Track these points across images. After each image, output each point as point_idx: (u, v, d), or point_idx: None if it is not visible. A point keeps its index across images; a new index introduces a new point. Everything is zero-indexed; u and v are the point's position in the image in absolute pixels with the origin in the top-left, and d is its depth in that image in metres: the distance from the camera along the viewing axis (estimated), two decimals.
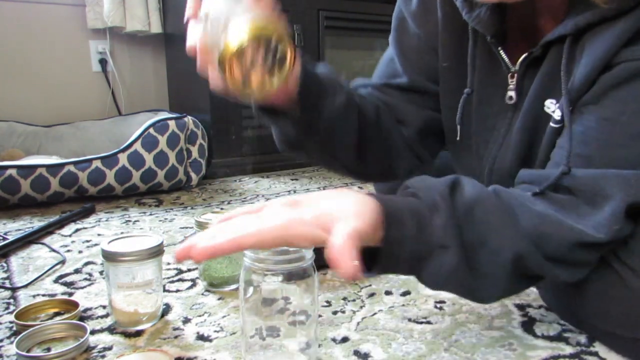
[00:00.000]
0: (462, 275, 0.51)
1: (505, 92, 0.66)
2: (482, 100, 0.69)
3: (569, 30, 0.56)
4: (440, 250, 0.51)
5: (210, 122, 1.75)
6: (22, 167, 1.31)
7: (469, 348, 0.62)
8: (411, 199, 0.53)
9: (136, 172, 1.43)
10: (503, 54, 0.65)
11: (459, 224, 0.51)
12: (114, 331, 0.67)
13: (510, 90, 0.65)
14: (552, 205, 0.55)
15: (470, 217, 0.52)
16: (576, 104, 0.57)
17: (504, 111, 0.67)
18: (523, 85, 0.65)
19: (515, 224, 0.53)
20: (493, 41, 0.65)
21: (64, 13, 1.97)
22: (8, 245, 1.00)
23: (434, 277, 0.52)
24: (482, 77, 0.69)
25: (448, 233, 0.50)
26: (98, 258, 0.96)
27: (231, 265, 0.80)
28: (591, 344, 0.63)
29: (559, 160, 0.56)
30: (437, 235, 0.50)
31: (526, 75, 0.64)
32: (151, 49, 2.13)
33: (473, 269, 0.52)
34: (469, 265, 0.51)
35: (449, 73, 0.74)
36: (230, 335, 0.66)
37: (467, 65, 0.70)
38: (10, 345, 0.63)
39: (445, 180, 0.54)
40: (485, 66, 0.68)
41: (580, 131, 0.56)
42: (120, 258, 0.65)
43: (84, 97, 2.04)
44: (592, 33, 0.55)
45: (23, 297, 0.79)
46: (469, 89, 0.70)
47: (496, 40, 0.65)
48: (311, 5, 1.89)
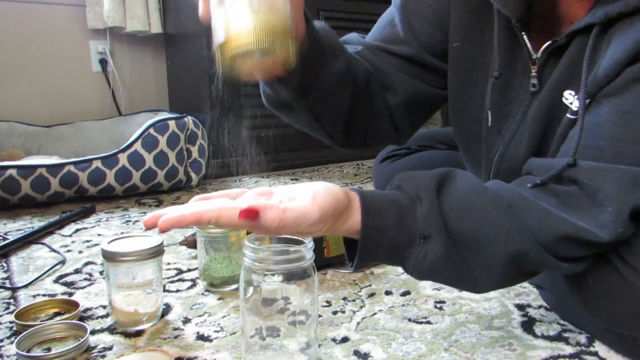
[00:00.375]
0: (450, 265, 0.51)
1: (524, 79, 0.65)
2: (501, 87, 0.67)
3: (597, 19, 0.55)
4: (422, 240, 0.50)
5: (210, 122, 1.75)
6: (23, 167, 1.31)
7: (469, 348, 0.62)
8: (394, 192, 0.53)
9: (136, 172, 1.43)
10: (527, 39, 0.63)
11: (445, 214, 0.51)
12: (114, 331, 0.67)
13: (533, 78, 0.64)
14: (554, 199, 0.53)
15: (461, 209, 0.51)
16: (596, 95, 0.55)
17: (521, 99, 0.66)
18: (543, 74, 0.63)
19: (517, 220, 0.52)
20: (518, 25, 0.63)
21: (64, 13, 1.97)
22: (8, 245, 1.00)
23: (418, 267, 0.51)
24: (505, 63, 0.67)
25: (430, 223, 0.50)
26: (98, 258, 0.96)
27: (231, 266, 0.80)
28: (591, 344, 0.63)
29: (567, 151, 0.55)
30: (418, 225, 0.50)
31: (547, 64, 0.63)
32: (151, 49, 2.13)
33: (464, 261, 0.51)
34: (458, 256, 0.51)
35: (460, 54, 0.72)
36: (230, 335, 0.66)
37: (480, 47, 0.68)
38: (11, 345, 0.63)
39: (434, 172, 0.54)
40: (507, 52, 0.66)
41: (594, 122, 0.54)
42: (121, 258, 0.65)
43: (84, 98, 2.04)
44: (622, 24, 0.54)
45: (23, 297, 0.79)
46: (496, 72, 0.67)
47: (521, 26, 0.63)
48: (311, 5, 1.88)
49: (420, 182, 0.53)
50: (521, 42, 0.64)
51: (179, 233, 1.13)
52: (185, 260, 0.95)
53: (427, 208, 0.51)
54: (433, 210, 0.50)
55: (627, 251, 0.55)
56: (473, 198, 0.52)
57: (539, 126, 0.63)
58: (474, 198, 0.52)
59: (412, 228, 0.50)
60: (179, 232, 1.14)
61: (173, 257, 0.96)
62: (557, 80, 0.61)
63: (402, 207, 0.51)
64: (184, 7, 1.85)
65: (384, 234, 0.50)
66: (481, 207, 0.52)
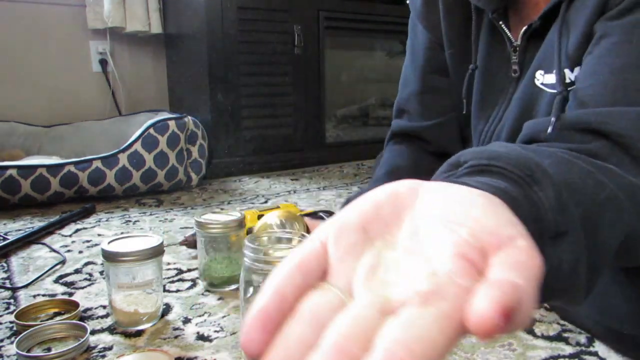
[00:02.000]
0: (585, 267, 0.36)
1: (509, 67, 0.67)
2: (486, 77, 0.70)
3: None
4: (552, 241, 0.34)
5: (211, 122, 1.75)
6: (23, 167, 1.31)
7: (469, 348, 0.62)
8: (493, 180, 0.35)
9: (136, 173, 1.43)
10: (505, 28, 0.65)
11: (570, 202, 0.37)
12: (114, 331, 0.67)
13: (514, 64, 0.66)
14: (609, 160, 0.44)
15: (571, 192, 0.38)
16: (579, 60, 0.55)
17: (506, 87, 0.68)
18: (525, 59, 0.65)
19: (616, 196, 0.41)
20: (495, 16, 0.66)
21: (64, 13, 1.97)
22: (8, 246, 1.00)
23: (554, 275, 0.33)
24: (486, 54, 0.70)
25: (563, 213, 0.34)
26: (98, 258, 0.96)
27: (231, 266, 0.80)
28: (591, 344, 0.63)
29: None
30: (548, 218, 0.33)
31: (528, 49, 0.64)
32: (151, 50, 2.13)
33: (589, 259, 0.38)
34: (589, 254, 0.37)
35: (455, 58, 0.75)
36: (230, 335, 0.66)
37: (466, 45, 0.72)
38: (11, 345, 0.63)
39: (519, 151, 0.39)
40: (489, 43, 0.69)
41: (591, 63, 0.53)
42: (121, 258, 0.65)
43: (84, 98, 2.05)
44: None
45: (23, 297, 0.79)
46: (473, 65, 0.71)
47: (498, 16, 0.66)
48: (311, 5, 1.89)
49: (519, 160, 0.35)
50: (501, 32, 0.66)
51: (179, 233, 1.13)
52: (185, 260, 0.95)
53: (552, 193, 0.33)
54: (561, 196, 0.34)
55: None
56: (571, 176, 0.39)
57: (520, 108, 0.64)
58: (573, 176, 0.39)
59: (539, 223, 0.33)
60: (179, 232, 1.14)
61: (173, 257, 0.96)
62: (536, 63, 0.62)
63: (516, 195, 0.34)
64: (184, 7, 1.86)
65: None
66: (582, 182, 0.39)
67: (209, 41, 1.71)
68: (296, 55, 1.88)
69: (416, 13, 0.80)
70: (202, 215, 0.80)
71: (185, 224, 1.20)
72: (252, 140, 1.85)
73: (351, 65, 2.22)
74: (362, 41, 2.20)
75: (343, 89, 2.20)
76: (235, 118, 1.79)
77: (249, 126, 1.83)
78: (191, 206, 1.38)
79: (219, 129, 1.77)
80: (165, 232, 1.14)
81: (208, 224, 0.78)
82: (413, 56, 0.82)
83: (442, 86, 0.79)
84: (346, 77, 2.22)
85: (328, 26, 1.94)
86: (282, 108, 1.90)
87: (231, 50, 1.74)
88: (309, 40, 1.90)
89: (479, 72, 0.71)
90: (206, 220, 0.78)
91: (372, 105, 2.28)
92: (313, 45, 1.92)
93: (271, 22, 1.82)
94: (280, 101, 1.88)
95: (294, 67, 1.89)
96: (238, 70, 1.77)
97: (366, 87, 2.28)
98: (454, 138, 0.80)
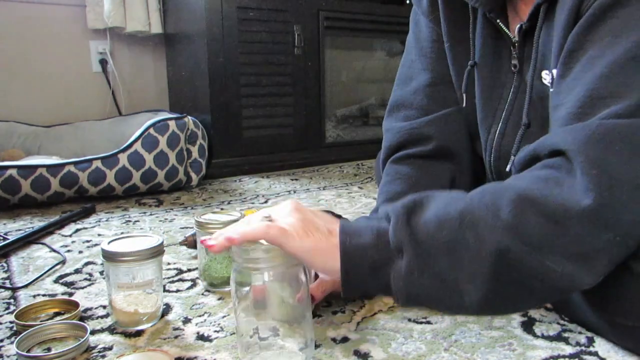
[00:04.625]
0: (429, 278, 0.50)
1: (509, 62, 0.69)
2: (487, 72, 0.72)
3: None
4: (399, 255, 0.51)
5: (211, 122, 1.75)
6: (23, 167, 1.31)
7: (469, 348, 0.62)
8: (368, 216, 0.57)
9: (136, 172, 1.43)
10: (502, 25, 0.68)
11: (412, 225, 0.51)
12: (114, 331, 0.67)
13: (513, 59, 0.68)
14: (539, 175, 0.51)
15: (434, 219, 0.51)
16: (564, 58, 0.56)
17: (509, 81, 0.70)
18: (524, 53, 0.67)
19: (493, 216, 0.49)
20: (492, 15, 0.68)
21: (64, 13, 1.97)
22: (8, 246, 1.00)
23: (397, 285, 0.52)
24: (486, 50, 0.72)
25: (399, 234, 0.51)
26: (98, 258, 0.96)
27: (231, 266, 0.80)
28: (591, 344, 0.63)
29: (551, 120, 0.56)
30: (391, 240, 0.52)
31: (526, 43, 0.67)
32: (151, 49, 2.13)
33: (447, 271, 0.50)
34: (437, 265, 0.50)
35: (453, 51, 0.77)
36: (230, 335, 0.66)
37: (465, 43, 0.74)
38: (11, 345, 0.63)
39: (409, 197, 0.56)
40: (488, 39, 0.71)
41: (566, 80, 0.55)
42: (121, 258, 0.65)
43: (84, 98, 2.05)
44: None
45: (23, 297, 0.79)
46: (472, 61, 0.73)
47: (495, 14, 0.68)
48: (311, 6, 1.89)
49: (393, 205, 0.55)
50: (500, 29, 0.69)
51: (179, 233, 1.13)
52: (185, 260, 0.95)
53: (394, 220, 0.52)
54: (400, 222, 0.52)
55: None
56: (447, 208, 0.52)
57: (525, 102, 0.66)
58: (448, 208, 0.52)
59: (388, 245, 0.52)
60: (179, 232, 1.14)
61: (173, 257, 0.96)
62: (535, 59, 0.64)
63: (379, 227, 0.53)
64: (184, 7, 1.86)
65: (365, 252, 0.52)
66: (456, 213, 0.51)
67: (209, 41, 1.71)
68: (296, 55, 1.88)
69: (421, 8, 0.81)
70: (202, 215, 0.80)
71: (185, 224, 1.20)
72: (252, 140, 1.85)
73: (351, 65, 2.22)
74: (362, 41, 2.20)
75: (343, 89, 2.20)
76: (235, 118, 1.80)
77: (249, 126, 1.83)
78: (191, 206, 1.38)
79: (219, 129, 1.77)
80: (166, 232, 1.14)
81: (208, 224, 0.78)
82: (420, 50, 0.82)
83: (450, 78, 0.80)
84: (346, 77, 2.22)
85: (328, 26, 1.94)
86: (282, 108, 1.90)
87: (231, 50, 1.74)
88: (309, 40, 1.90)
89: (479, 67, 0.73)
90: (206, 220, 0.78)
91: (372, 105, 2.28)
92: (313, 45, 1.92)
93: (271, 22, 1.82)
94: (280, 101, 1.88)
95: (294, 67, 1.89)
96: (238, 70, 1.77)
97: (366, 87, 2.28)
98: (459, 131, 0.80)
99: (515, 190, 0.50)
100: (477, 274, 0.50)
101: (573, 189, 0.47)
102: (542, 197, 0.48)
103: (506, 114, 0.71)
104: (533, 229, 0.48)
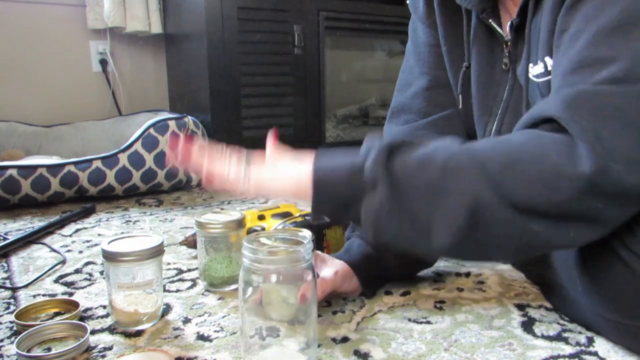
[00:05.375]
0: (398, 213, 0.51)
1: (502, 61, 0.71)
2: (482, 72, 0.73)
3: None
4: (372, 188, 0.52)
5: (210, 122, 1.75)
6: (23, 167, 1.31)
7: (469, 348, 0.62)
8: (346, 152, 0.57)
9: (136, 172, 1.43)
10: (495, 25, 0.69)
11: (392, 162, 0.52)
12: (114, 331, 0.67)
13: (505, 57, 0.69)
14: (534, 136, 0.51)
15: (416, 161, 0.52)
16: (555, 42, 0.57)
17: (505, 79, 0.71)
18: (517, 52, 0.68)
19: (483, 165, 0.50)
20: (484, 16, 0.69)
21: (65, 13, 1.97)
22: (8, 245, 1.00)
23: (366, 216, 0.53)
24: (480, 51, 0.73)
25: (375, 169, 0.52)
26: (98, 258, 0.96)
27: (231, 266, 0.80)
28: (591, 344, 0.63)
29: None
30: (367, 173, 0.53)
31: (518, 42, 0.68)
32: (151, 50, 2.13)
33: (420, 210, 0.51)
34: (408, 204, 0.51)
35: (450, 54, 0.78)
36: (231, 335, 0.66)
37: (460, 45, 0.75)
38: (11, 345, 0.63)
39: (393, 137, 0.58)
40: (482, 40, 0.72)
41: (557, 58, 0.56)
42: (121, 258, 0.65)
43: (84, 98, 2.05)
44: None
45: (23, 297, 0.79)
46: (466, 62, 0.75)
47: (487, 15, 0.69)
48: (311, 6, 1.89)
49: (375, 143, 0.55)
50: (492, 29, 0.70)
51: (179, 233, 1.13)
52: (186, 260, 0.95)
53: (374, 156, 0.53)
54: (379, 158, 0.52)
55: (632, 239, 0.54)
56: (434, 153, 0.53)
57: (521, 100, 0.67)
58: (435, 153, 0.53)
59: (361, 179, 0.53)
60: (179, 232, 1.14)
61: (173, 257, 0.96)
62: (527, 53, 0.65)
63: (355, 162, 0.54)
64: (184, 7, 1.86)
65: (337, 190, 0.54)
66: (442, 157, 0.52)
67: (209, 41, 1.71)
68: (296, 55, 1.88)
69: (418, 15, 0.82)
70: (202, 215, 0.80)
71: (186, 224, 1.20)
72: (252, 140, 1.85)
73: (351, 65, 2.22)
74: (362, 41, 2.20)
75: (343, 89, 2.20)
76: (235, 118, 1.79)
77: (249, 126, 1.83)
78: (191, 206, 1.38)
79: (219, 129, 1.77)
80: (166, 232, 1.14)
81: (208, 224, 0.78)
82: (417, 55, 0.83)
83: (448, 82, 0.81)
84: (346, 77, 2.22)
85: (328, 26, 1.94)
86: (282, 108, 1.90)
87: (231, 50, 1.74)
88: (309, 40, 1.90)
89: (474, 68, 0.74)
90: (206, 220, 0.78)
91: (372, 105, 2.28)
92: (313, 45, 1.92)
93: (271, 22, 1.82)
94: (280, 101, 1.88)
95: (294, 67, 1.89)
96: (238, 70, 1.77)
97: (366, 87, 2.28)
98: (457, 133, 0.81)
99: (507, 146, 0.51)
100: (452, 221, 0.50)
101: (570, 155, 0.47)
102: (535, 156, 0.49)
103: (502, 112, 0.72)
104: (519, 186, 0.48)
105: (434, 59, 0.81)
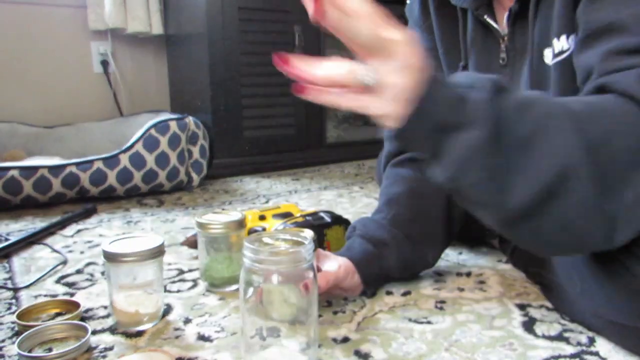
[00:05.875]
0: (488, 161, 0.47)
1: (499, 57, 0.71)
2: (479, 70, 0.73)
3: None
4: (472, 123, 0.47)
5: (212, 122, 1.75)
6: (24, 168, 1.31)
7: (470, 348, 0.62)
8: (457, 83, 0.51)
9: (137, 173, 1.43)
10: (490, 20, 0.69)
11: (501, 107, 0.47)
12: (115, 331, 0.68)
13: (502, 52, 0.70)
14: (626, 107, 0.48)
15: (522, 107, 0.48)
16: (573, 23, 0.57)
17: (502, 75, 0.70)
18: (515, 46, 0.68)
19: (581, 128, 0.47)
20: (479, 13, 0.70)
21: (66, 15, 1.98)
22: (10, 246, 1.01)
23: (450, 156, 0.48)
24: (477, 49, 0.73)
25: (481, 108, 0.47)
26: (99, 259, 0.96)
27: (232, 266, 0.80)
28: (592, 343, 0.63)
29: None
30: (472, 107, 0.47)
31: (515, 35, 0.68)
32: (152, 50, 2.14)
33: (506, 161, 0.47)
34: (500, 153, 0.47)
35: (447, 56, 0.78)
36: (231, 336, 0.66)
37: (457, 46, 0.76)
38: (12, 346, 0.64)
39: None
40: (480, 38, 0.73)
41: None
42: (122, 259, 0.65)
43: (85, 99, 2.05)
44: None
45: (25, 297, 0.80)
46: (462, 62, 0.75)
47: (482, 12, 0.69)
48: None
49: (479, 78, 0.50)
50: (488, 25, 0.70)
51: (180, 234, 1.13)
52: (186, 261, 0.95)
53: (482, 94, 0.47)
54: (485, 95, 0.47)
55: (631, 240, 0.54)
56: (539, 101, 0.49)
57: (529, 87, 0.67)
58: (541, 101, 0.49)
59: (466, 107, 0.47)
60: (180, 232, 1.14)
61: (174, 258, 0.97)
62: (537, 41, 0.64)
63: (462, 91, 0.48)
64: (185, 8, 1.86)
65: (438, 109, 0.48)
66: (545, 110, 0.48)
67: (210, 42, 1.71)
68: None
69: (414, 19, 0.83)
70: (203, 216, 0.81)
71: (187, 225, 1.20)
72: (253, 140, 1.85)
73: None
74: None
75: None
76: (236, 118, 1.80)
77: (250, 126, 1.83)
78: (192, 206, 1.38)
79: (220, 129, 1.77)
80: (167, 233, 1.14)
81: (209, 224, 0.78)
82: None
83: None
84: None
85: None
86: (283, 108, 1.90)
87: (232, 51, 1.75)
88: (309, 40, 1.90)
89: (471, 67, 0.74)
90: (207, 221, 0.78)
91: None
92: (313, 45, 1.92)
93: (271, 22, 1.82)
94: (281, 101, 1.89)
95: None
96: (239, 71, 1.77)
97: None
98: None
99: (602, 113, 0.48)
100: (534, 181, 0.47)
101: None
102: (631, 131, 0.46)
103: None
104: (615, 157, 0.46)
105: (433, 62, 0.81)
